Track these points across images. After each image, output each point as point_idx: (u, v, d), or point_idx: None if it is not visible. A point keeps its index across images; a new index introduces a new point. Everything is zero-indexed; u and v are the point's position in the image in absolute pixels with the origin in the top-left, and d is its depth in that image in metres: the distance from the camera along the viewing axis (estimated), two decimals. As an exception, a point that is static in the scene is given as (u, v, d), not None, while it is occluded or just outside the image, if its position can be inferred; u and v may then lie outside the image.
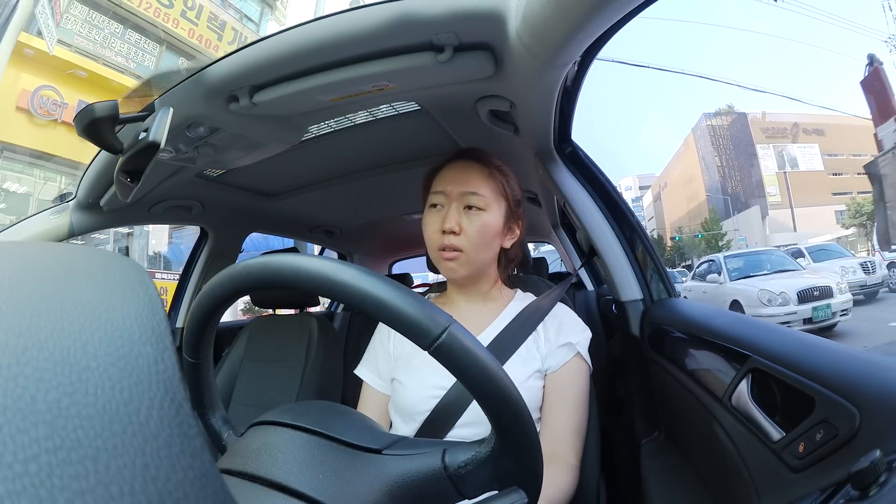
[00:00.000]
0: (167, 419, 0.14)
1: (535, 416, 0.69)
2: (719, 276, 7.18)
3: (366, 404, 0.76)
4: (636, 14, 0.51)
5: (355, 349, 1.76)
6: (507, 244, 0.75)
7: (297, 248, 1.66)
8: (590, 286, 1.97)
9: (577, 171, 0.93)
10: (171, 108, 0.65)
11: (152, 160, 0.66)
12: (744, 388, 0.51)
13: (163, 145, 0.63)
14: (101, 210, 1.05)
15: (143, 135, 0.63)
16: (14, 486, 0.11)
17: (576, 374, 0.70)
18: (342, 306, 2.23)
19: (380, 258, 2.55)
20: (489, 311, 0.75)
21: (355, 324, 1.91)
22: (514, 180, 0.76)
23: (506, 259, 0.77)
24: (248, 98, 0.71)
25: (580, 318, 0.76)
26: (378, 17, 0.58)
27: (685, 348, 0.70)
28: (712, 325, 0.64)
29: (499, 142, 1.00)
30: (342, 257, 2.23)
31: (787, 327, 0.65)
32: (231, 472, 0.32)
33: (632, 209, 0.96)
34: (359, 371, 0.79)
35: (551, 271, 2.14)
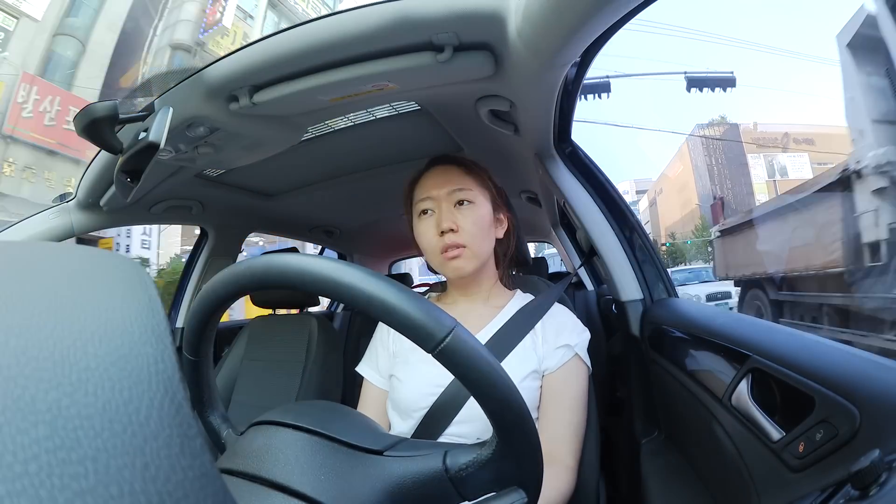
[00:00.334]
0: (167, 419, 0.14)
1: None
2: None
3: (366, 402, 0.76)
4: (636, 14, 0.51)
5: (355, 349, 1.76)
6: (500, 234, 0.78)
7: (296, 249, 1.66)
8: (590, 286, 1.97)
9: (577, 171, 0.93)
10: (171, 108, 0.65)
11: (152, 160, 0.66)
12: (744, 387, 0.51)
13: (163, 145, 0.63)
14: (101, 210, 1.05)
15: (143, 135, 0.63)
16: (14, 486, 0.11)
17: (574, 376, 0.70)
18: (342, 306, 2.23)
19: (379, 258, 2.55)
20: (489, 310, 0.75)
21: (355, 324, 1.91)
22: (490, 173, 0.79)
23: (501, 252, 0.79)
24: (248, 98, 0.71)
25: (579, 320, 0.76)
26: (378, 17, 0.58)
27: (685, 348, 0.69)
28: (712, 325, 0.64)
29: (499, 142, 1.00)
30: (342, 257, 2.23)
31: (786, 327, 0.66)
32: (232, 472, 0.32)
33: (632, 209, 0.96)
34: (360, 368, 0.79)
35: (552, 271, 2.14)
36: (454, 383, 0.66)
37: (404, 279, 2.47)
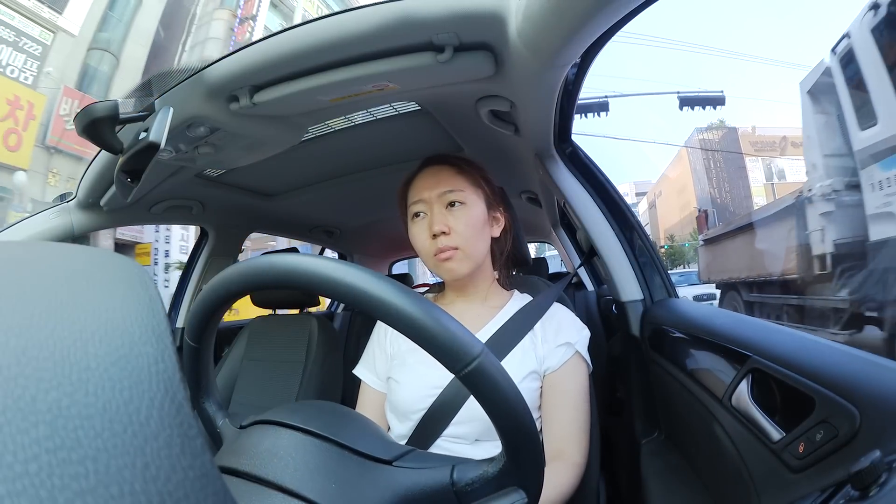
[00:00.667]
0: (167, 419, 0.14)
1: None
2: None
3: (364, 404, 0.76)
4: (636, 14, 0.51)
5: (355, 349, 1.76)
6: (496, 233, 0.77)
7: (296, 249, 1.66)
8: (590, 286, 1.97)
9: (577, 171, 0.93)
10: (171, 108, 0.65)
11: (152, 160, 0.66)
12: (744, 388, 0.51)
13: (163, 145, 0.63)
14: (101, 210, 1.05)
15: (143, 135, 0.63)
16: (14, 486, 0.11)
17: (576, 373, 0.70)
18: (342, 306, 2.22)
19: (380, 258, 2.54)
20: (487, 311, 0.75)
21: (355, 324, 1.91)
22: (485, 171, 0.78)
23: (498, 251, 0.78)
24: (249, 98, 0.71)
25: (578, 318, 0.76)
26: (378, 17, 0.58)
27: (685, 348, 0.69)
28: (712, 325, 0.64)
29: (499, 142, 1.00)
30: (342, 257, 2.23)
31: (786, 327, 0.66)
32: (238, 473, 0.32)
33: (632, 209, 0.96)
34: (357, 371, 0.79)
35: (552, 272, 2.14)
36: (452, 385, 0.66)
37: (404, 279, 2.46)
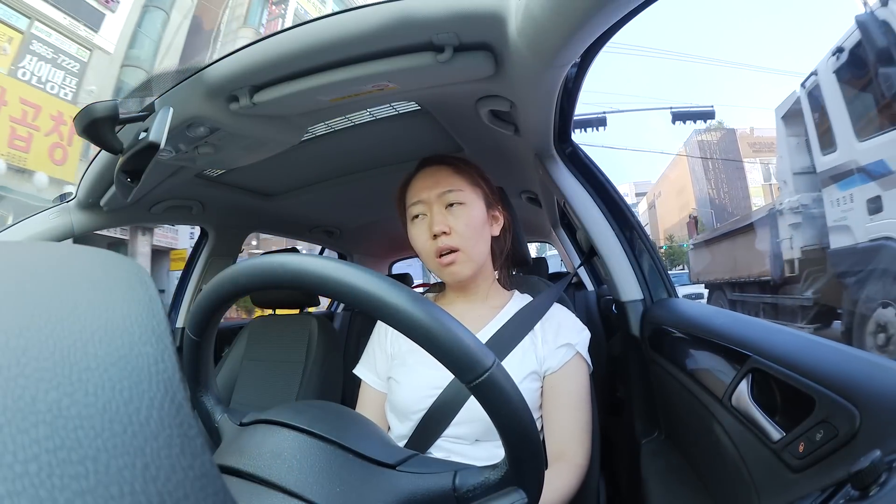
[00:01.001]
0: (167, 419, 0.14)
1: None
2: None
3: (364, 404, 0.76)
4: (636, 14, 0.51)
5: (355, 349, 1.76)
6: (496, 231, 0.77)
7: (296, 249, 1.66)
8: (590, 286, 1.96)
9: (577, 171, 0.93)
10: (171, 108, 0.65)
11: (152, 160, 0.66)
12: (744, 388, 0.51)
13: (163, 145, 0.63)
14: (101, 210, 1.05)
15: (143, 135, 0.63)
16: (14, 486, 0.11)
17: (576, 374, 0.70)
18: (342, 306, 2.22)
19: (380, 258, 2.54)
20: (487, 311, 0.75)
21: (355, 324, 1.91)
22: (482, 169, 0.78)
23: (498, 250, 0.78)
24: (249, 98, 0.71)
25: (578, 319, 0.76)
26: (378, 17, 0.58)
27: (685, 348, 0.69)
28: (712, 325, 0.64)
29: (499, 142, 1.00)
30: (342, 257, 2.23)
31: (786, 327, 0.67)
32: (240, 473, 0.32)
33: (632, 209, 0.96)
34: (357, 371, 0.79)
35: (552, 272, 2.14)
36: (452, 385, 0.66)
37: (404, 279, 2.47)
